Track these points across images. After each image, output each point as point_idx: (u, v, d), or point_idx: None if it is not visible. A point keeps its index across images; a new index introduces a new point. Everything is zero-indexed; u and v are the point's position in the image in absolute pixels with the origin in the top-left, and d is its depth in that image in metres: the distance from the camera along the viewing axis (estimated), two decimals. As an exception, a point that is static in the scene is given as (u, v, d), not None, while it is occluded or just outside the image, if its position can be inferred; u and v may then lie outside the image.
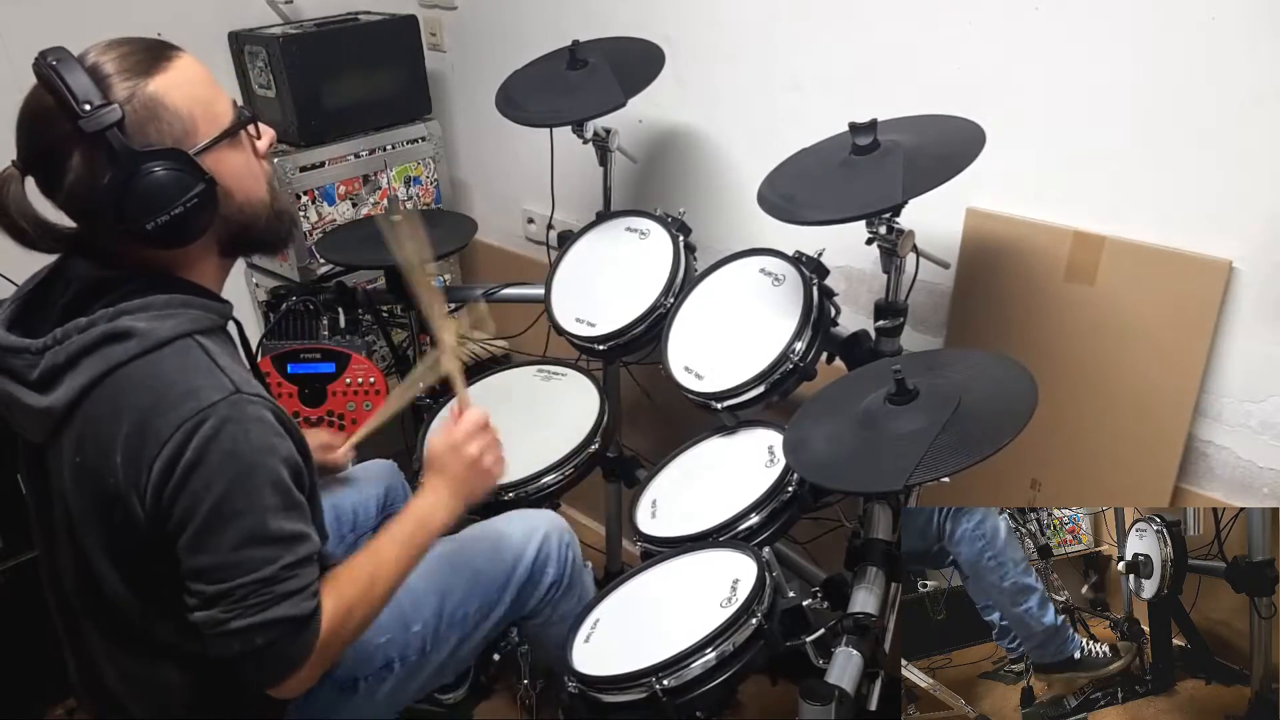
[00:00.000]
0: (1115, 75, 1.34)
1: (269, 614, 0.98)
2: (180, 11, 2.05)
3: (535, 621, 1.47)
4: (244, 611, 0.97)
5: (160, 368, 0.98)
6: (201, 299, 1.05)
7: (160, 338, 0.99)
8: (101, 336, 0.98)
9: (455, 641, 1.35)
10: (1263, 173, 1.26)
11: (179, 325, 1.00)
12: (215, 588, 0.97)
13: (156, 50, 1.02)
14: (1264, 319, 1.31)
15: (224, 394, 0.97)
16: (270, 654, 1.00)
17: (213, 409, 0.96)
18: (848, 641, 1.15)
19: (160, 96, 0.98)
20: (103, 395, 0.98)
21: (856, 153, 1.32)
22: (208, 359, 1.00)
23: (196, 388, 0.97)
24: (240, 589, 0.97)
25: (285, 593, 0.99)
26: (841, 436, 1.21)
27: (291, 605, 1.00)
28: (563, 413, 1.71)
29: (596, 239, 1.80)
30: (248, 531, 0.98)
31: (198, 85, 1.03)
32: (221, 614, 0.98)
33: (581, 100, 1.68)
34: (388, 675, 1.29)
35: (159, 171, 0.97)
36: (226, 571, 0.97)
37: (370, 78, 2.17)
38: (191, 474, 0.95)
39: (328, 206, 2.15)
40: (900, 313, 1.41)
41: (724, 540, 1.33)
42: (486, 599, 1.38)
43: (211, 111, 1.03)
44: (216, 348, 1.03)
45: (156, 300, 1.01)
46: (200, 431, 0.95)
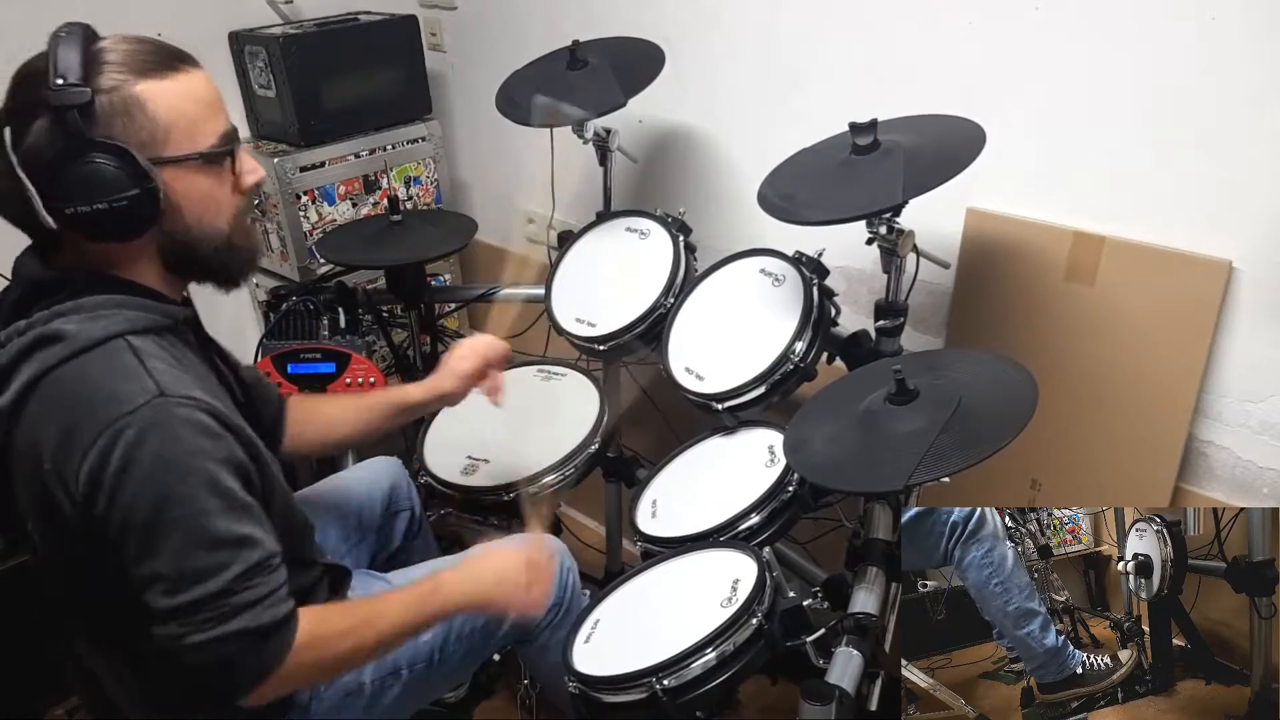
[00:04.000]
0: (1115, 75, 1.34)
1: (227, 627, 0.96)
2: (180, 11, 2.05)
3: (533, 645, 1.46)
4: (199, 626, 0.95)
5: (86, 371, 0.96)
6: (141, 299, 1.02)
7: (88, 340, 0.96)
8: (35, 340, 0.96)
9: (462, 654, 1.36)
10: (1263, 173, 1.26)
11: (110, 326, 0.97)
12: (169, 601, 0.95)
13: (169, 58, 1.02)
14: (1264, 319, 1.31)
15: (147, 397, 0.94)
16: (233, 667, 0.98)
17: (134, 414, 0.93)
18: (848, 641, 1.15)
19: (142, 99, 0.98)
20: (37, 399, 0.96)
21: (856, 153, 1.32)
22: (135, 360, 0.97)
23: (117, 392, 0.94)
24: (194, 605, 0.95)
25: (243, 604, 0.97)
26: (842, 437, 1.21)
27: (251, 617, 0.97)
28: (563, 413, 1.71)
29: (596, 239, 1.80)
30: (188, 537, 0.94)
31: (190, 102, 1.02)
32: (178, 629, 0.95)
33: (581, 100, 1.68)
34: (394, 682, 1.30)
35: (99, 163, 0.95)
36: (177, 584, 0.95)
37: (370, 78, 2.17)
38: (120, 484, 0.93)
39: (328, 206, 2.15)
40: (900, 313, 1.41)
41: (724, 540, 1.33)
42: (492, 615, 1.38)
43: (193, 129, 1.02)
44: (152, 349, 0.99)
45: (89, 301, 0.99)
46: (123, 438, 0.92)
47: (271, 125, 2.15)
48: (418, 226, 1.93)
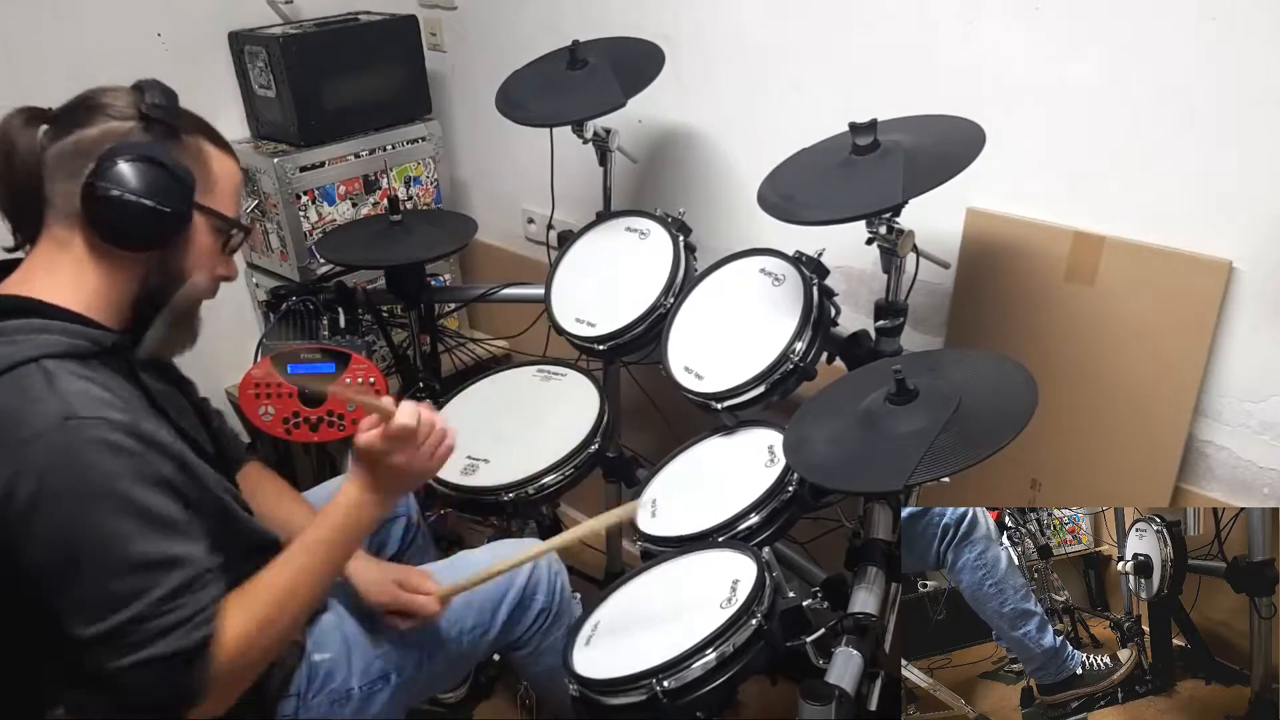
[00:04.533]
0: (1115, 75, 1.34)
1: (148, 651, 0.94)
2: (180, 11, 2.05)
3: (524, 652, 1.46)
4: (121, 652, 0.93)
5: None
6: (65, 324, 1.00)
7: (3, 365, 0.94)
8: None
9: (450, 659, 1.36)
10: (1263, 173, 1.25)
11: (24, 350, 0.95)
12: (92, 629, 0.93)
13: (226, 141, 1.15)
14: (1264, 319, 1.31)
15: (53, 421, 0.92)
16: (161, 690, 0.97)
17: (40, 441, 0.91)
18: (848, 641, 1.15)
19: (208, 155, 1.11)
20: None
21: (856, 153, 1.32)
22: (45, 383, 0.94)
23: (23, 417, 0.92)
24: (115, 630, 0.93)
25: (164, 628, 0.95)
26: (842, 436, 1.21)
27: (176, 639, 0.95)
28: (563, 413, 1.71)
29: (596, 239, 1.80)
30: (106, 564, 0.93)
31: (235, 179, 1.15)
32: (103, 654, 0.94)
33: (581, 100, 1.68)
34: (384, 686, 1.30)
35: (168, 170, 1.03)
36: (97, 611, 0.93)
37: (370, 78, 2.17)
38: (33, 513, 0.91)
39: (328, 206, 2.15)
40: (900, 313, 1.41)
41: (724, 540, 1.33)
42: (481, 619, 1.39)
43: (229, 199, 1.14)
44: (69, 372, 0.96)
45: (8, 326, 0.97)
46: (30, 470, 0.91)
47: (271, 125, 2.15)
48: (418, 226, 1.93)
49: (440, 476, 1.64)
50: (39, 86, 1.18)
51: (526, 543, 1.50)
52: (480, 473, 1.62)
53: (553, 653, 1.43)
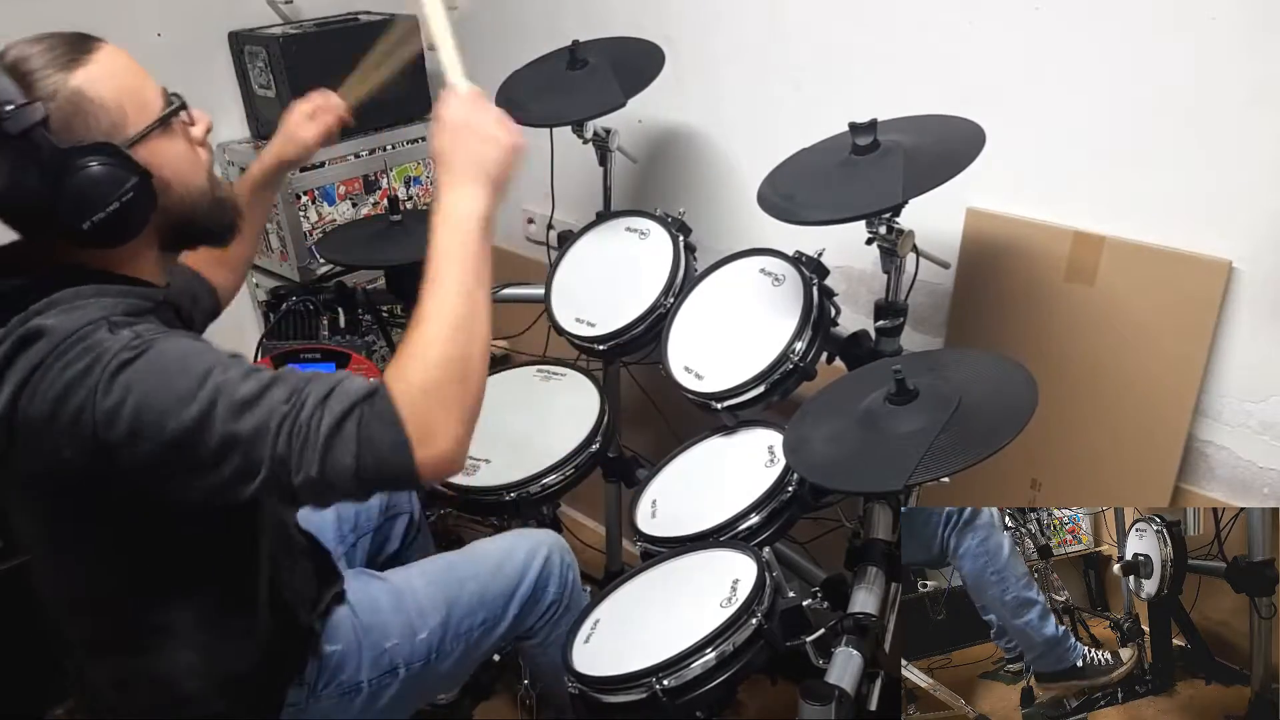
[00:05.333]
0: (1115, 75, 1.34)
1: (326, 412, 0.89)
2: (180, 11, 2.05)
3: (533, 642, 1.46)
4: (300, 458, 0.88)
5: (68, 359, 0.92)
6: (119, 285, 1.00)
7: (69, 331, 0.93)
8: (16, 343, 0.94)
9: (460, 652, 1.36)
10: (1263, 173, 1.26)
11: (87, 314, 0.94)
12: (247, 463, 0.89)
13: (77, 42, 0.97)
14: (1264, 319, 1.31)
15: (123, 340, 0.92)
16: (365, 455, 0.89)
17: (124, 347, 0.91)
18: (848, 641, 1.15)
19: (84, 90, 0.94)
20: (31, 398, 0.93)
21: (856, 152, 1.32)
22: (109, 333, 0.93)
23: (98, 357, 0.91)
24: (273, 448, 0.89)
25: (311, 409, 0.90)
26: (842, 436, 1.21)
27: (334, 403, 0.90)
28: (563, 413, 1.71)
29: (596, 239, 1.80)
30: (227, 386, 0.90)
31: (123, 75, 0.98)
32: (287, 477, 0.89)
33: (581, 100, 1.68)
34: (393, 680, 1.30)
35: (91, 167, 0.92)
36: (239, 441, 0.89)
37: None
38: (131, 389, 0.89)
39: (328, 206, 2.15)
40: (900, 313, 1.41)
41: (724, 540, 1.33)
42: (491, 612, 1.38)
43: (140, 100, 0.98)
44: (134, 326, 0.96)
45: (63, 295, 0.96)
46: (119, 364, 0.90)
47: (271, 125, 2.13)
48: (418, 226, 1.92)
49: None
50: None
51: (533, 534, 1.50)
52: (480, 473, 1.62)
53: (561, 645, 1.42)
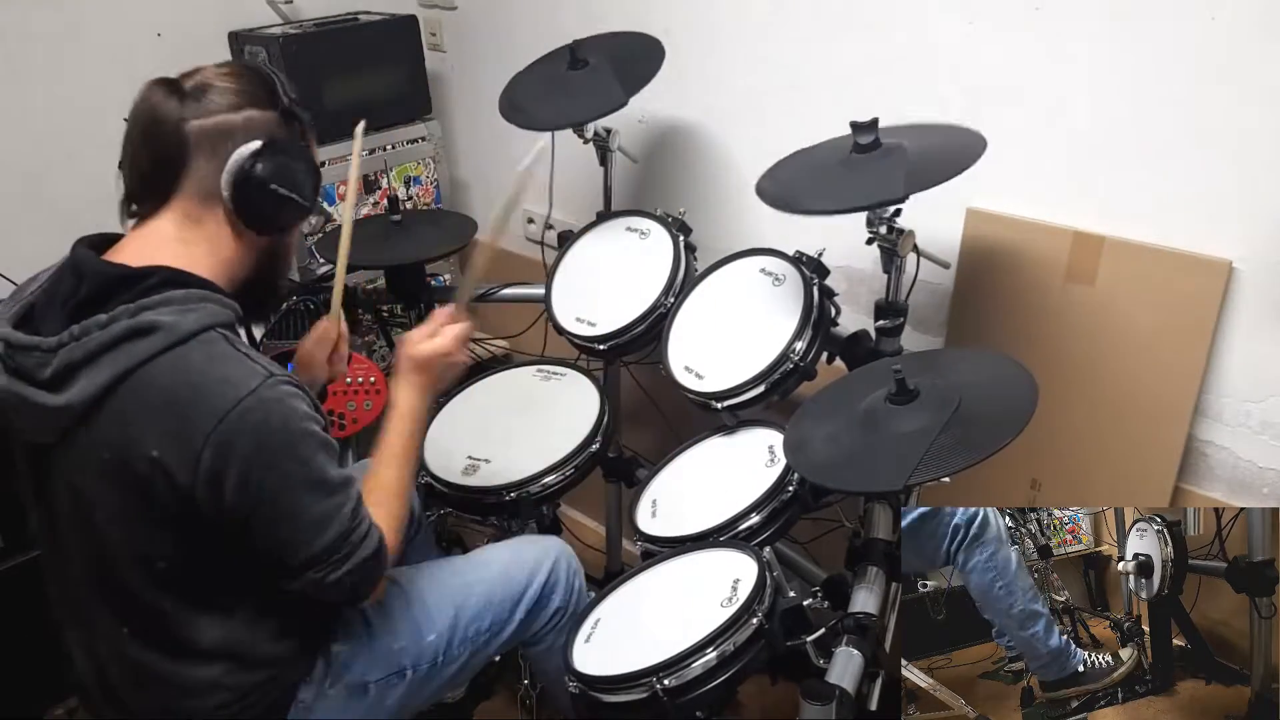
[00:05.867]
0: (1115, 75, 1.34)
1: (353, 560, 1.09)
2: (180, 11, 2.05)
3: (538, 648, 1.46)
4: (335, 565, 1.08)
5: (188, 361, 1.00)
6: (217, 295, 1.08)
7: (186, 331, 1.01)
8: (125, 332, 0.99)
9: (467, 655, 1.36)
10: (1263, 173, 1.26)
11: (201, 319, 1.03)
12: (305, 553, 1.06)
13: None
14: (1264, 319, 1.31)
15: (260, 379, 1.01)
16: (361, 587, 1.13)
17: (254, 395, 1.00)
18: (848, 641, 1.15)
19: (315, 152, 1.19)
20: (129, 390, 0.99)
21: (858, 151, 1.32)
22: (233, 349, 1.04)
23: (230, 377, 1.01)
24: (329, 547, 1.07)
25: (359, 538, 1.10)
26: (842, 436, 1.21)
27: (366, 546, 1.11)
28: (563, 413, 1.71)
29: (596, 239, 1.80)
30: (314, 492, 1.06)
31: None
32: (315, 574, 1.08)
33: (583, 102, 1.68)
34: (399, 682, 1.30)
35: (305, 166, 1.13)
36: (306, 535, 1.06)
37: (370, 78, 2.17)
38: (252, 461, 1.00)
39: (327, 207, 2.15)
40: (900, 313, 1.41)
41: (724, 540, 1.33)
42: (498, 616, 1.39)
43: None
44: (239, 339, 1.07)
45: (176, 295, 1.02)
46: (248, 420, 0.99)
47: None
48: (418, 226, 1.93)
49: (440, 476, 1.64)
50: (40, 86, 1.18)
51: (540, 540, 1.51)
52: (480, 473, 1.62)
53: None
